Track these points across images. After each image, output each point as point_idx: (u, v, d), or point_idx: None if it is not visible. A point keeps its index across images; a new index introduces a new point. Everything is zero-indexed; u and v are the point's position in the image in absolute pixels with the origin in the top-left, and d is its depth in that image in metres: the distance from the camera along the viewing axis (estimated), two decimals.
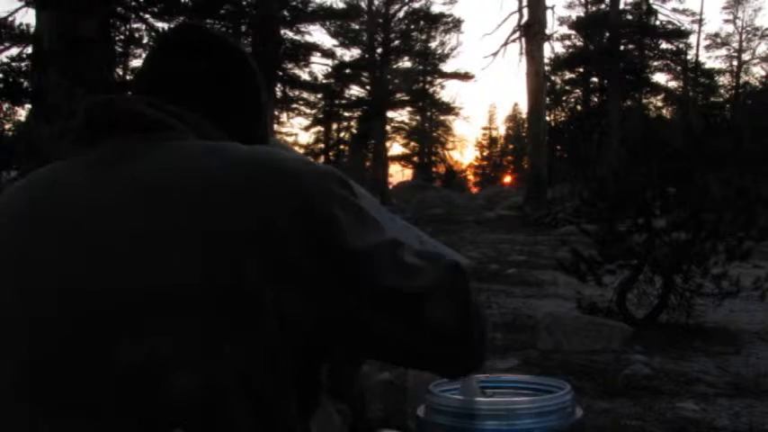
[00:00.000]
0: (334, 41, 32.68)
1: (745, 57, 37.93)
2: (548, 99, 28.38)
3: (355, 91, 35.17)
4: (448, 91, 55.27)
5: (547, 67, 27.41)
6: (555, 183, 24.23)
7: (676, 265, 4.96)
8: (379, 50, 33.88)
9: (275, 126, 30.21)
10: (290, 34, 27.36)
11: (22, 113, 20.84)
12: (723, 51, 38.36)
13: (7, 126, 21.52)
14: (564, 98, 34.54)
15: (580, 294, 5.25)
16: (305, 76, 30.56)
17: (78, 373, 0.72)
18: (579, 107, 34.31)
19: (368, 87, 34.38)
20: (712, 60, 39.64)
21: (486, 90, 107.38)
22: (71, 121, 0.88)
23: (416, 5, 34.19)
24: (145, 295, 0.71)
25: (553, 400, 1.52)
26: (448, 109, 39.16)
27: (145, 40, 20.53)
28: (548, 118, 29.18)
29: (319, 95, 34.34)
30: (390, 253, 0.78)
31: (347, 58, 33.44)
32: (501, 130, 55.75)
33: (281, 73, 27.29)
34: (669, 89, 35.77)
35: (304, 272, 0.74)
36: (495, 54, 25.90)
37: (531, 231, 15.93)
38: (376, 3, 33.27)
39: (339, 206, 0.77)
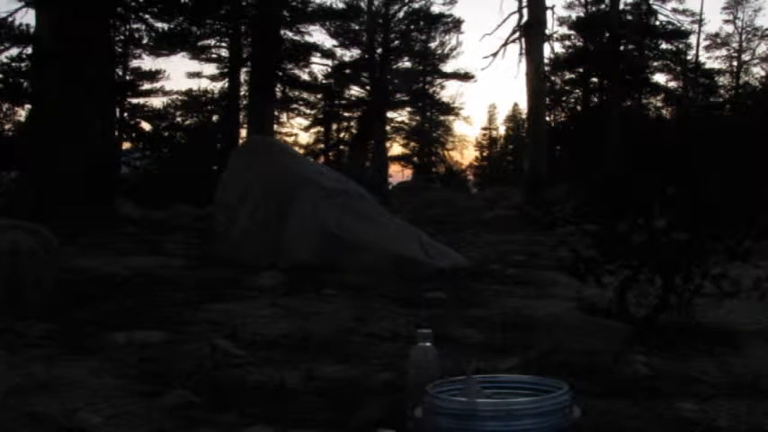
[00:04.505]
0: (334, 42, 32.64)
1: (745, 57, 37.92)
2: (548, 99, 28.36)
3: (355, 91, 35.14)
4: (448, 91, 55.11)
5: (547, 68, 27.38)
6: (555, 183, 24.21)
7: (676, 265, 4.96)
8: (379, 50, 33.84)
9: (275, 126, 30.18)
10: (290, 34, 27.34)
11: (21, 113, 20.83)
12: (723, 51, 38.33)
13: (7, 126, 21.50)
14: (564, 98, 34.51)
15: (580, 294, 5.24)
16: (305, 76, 30.55)
17: None
18: (579, 107, 34.28)
19: (368, 87, 34.34)
20: (712, 60, 39.53)
21: (486, 90, 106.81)
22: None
23: (416, 5, 34.16)
24: None
25: (552, 401, 1.52)
26: (448, 109, 39.12)
27: (144, 41, 20.54)
28: (548, 118, 29.18)
29: (319, 96, 34.32)
30: None
31: (347, 59, 33.42)
32: (501, 130, 55.70)
33: (280, 73, 27.26)
34: (669, 89, 35.74)
35: None
36: (494, 54, 25.88)
37: (531, 231, 15.90)
38: (376, 3, 33.24)
39: None
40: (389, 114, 36.35)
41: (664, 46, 34.00)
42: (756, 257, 4.96)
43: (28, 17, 40.48)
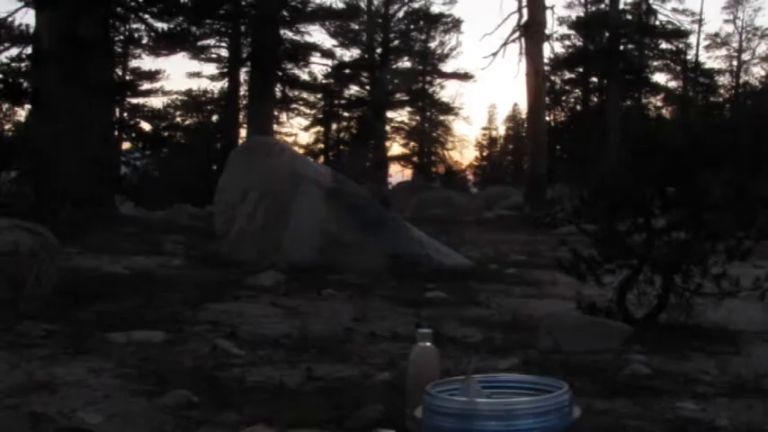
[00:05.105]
0: (334, 41, 32.67)
1: (745, 57, 37.92)
2: (547, 99, 28.36)
3: (355, 91, 35.16)
4: (448, 91, 54.86)
5: (546, 67, 27.40)
6: (555, 183, 24.19)
7: (676, 264, 4.96)
8: (379, 50, 33.86)
9: (275, 126, 30.18)
10: (290, 34, 27.37)
11: (21, 113, 20.81)
12: (723, 51, 38.33)
13: (7, 126, 21.47)
14: (564, 98, 34.53)
15: (580, 294, 5.24)
16: (304, 76, 30.58)
17: None
18: (579, 107, 34.30)
19: (368, 87, 34.36)
20: (712, 60, 39.54)
21: (486, 90, 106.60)
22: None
23: (416, 5, 34.20)
24: None
25: (551, 400, 1.52)
26: (448, 109, 39.11)
27: (144, 41, 20.53)
28: (548, 118, 29.17)
29: (319, 95, 34.34)
30: None
31: (347, 58, 33.47)
32: (501, 130, 55.64)
33: (280, 73, 27.27)
34: (669, 89, 35.78)
35: None
36: (494, 54, 25.90)
37: (531, 231, 15.91)
38: (375, 3, 33.29)
39: None
40: (389, 114, 36.39)
41: (664, 46, 34.05)
42: (756, 257, 4.96)
43: (28, 17, 40.43)
